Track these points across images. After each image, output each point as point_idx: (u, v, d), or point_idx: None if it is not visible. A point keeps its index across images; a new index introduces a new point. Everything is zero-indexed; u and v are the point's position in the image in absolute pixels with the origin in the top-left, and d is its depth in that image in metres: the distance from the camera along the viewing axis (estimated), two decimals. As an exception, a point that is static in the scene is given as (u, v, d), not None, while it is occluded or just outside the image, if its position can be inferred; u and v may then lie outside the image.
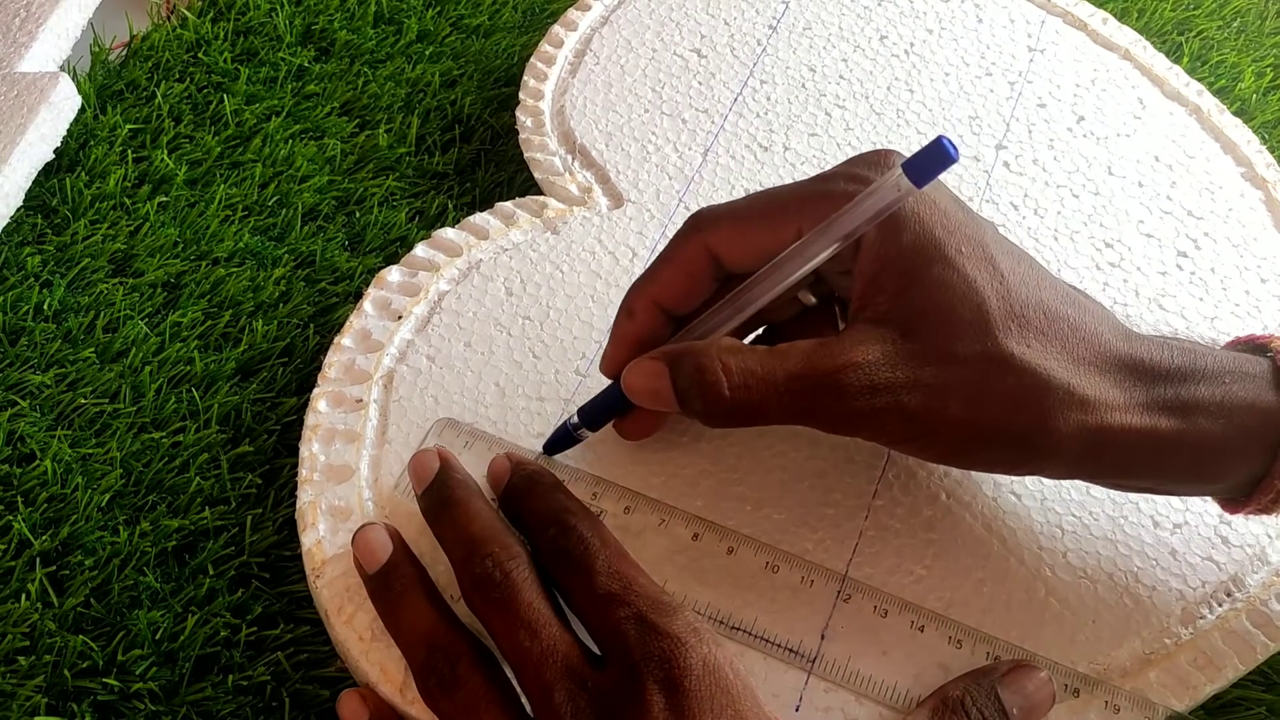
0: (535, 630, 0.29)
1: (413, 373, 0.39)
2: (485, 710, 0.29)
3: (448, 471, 0.34)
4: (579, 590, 0.30)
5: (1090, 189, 0.46)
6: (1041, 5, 0.53)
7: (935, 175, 0.29)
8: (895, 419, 0.30)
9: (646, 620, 0.29)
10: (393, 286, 0.41)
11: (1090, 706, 0.32)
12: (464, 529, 0.32)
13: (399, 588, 0.32)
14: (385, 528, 0.33)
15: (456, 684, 0.29)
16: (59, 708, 0.32)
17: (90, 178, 0.45)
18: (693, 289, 0.34)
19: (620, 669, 0.28)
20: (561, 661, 0.29)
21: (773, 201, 0.33)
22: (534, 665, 0.29)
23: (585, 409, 0.35)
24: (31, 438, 0.37)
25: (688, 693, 0.27)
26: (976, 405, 0.30)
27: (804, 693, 0.32)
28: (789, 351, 0.31)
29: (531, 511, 0.32)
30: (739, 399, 0.31)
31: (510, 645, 0.29)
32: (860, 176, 0.32)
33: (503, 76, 0.51)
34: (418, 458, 0.34)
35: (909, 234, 0.31)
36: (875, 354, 0.30)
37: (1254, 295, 0.43)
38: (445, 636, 0.31)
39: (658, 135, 0.47)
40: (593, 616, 0.30)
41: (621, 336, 0.35)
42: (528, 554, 0.31)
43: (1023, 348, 0.30)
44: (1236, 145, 0.48)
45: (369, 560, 0.32)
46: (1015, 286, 0.31)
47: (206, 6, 0.52)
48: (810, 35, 0.51)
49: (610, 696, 0.28)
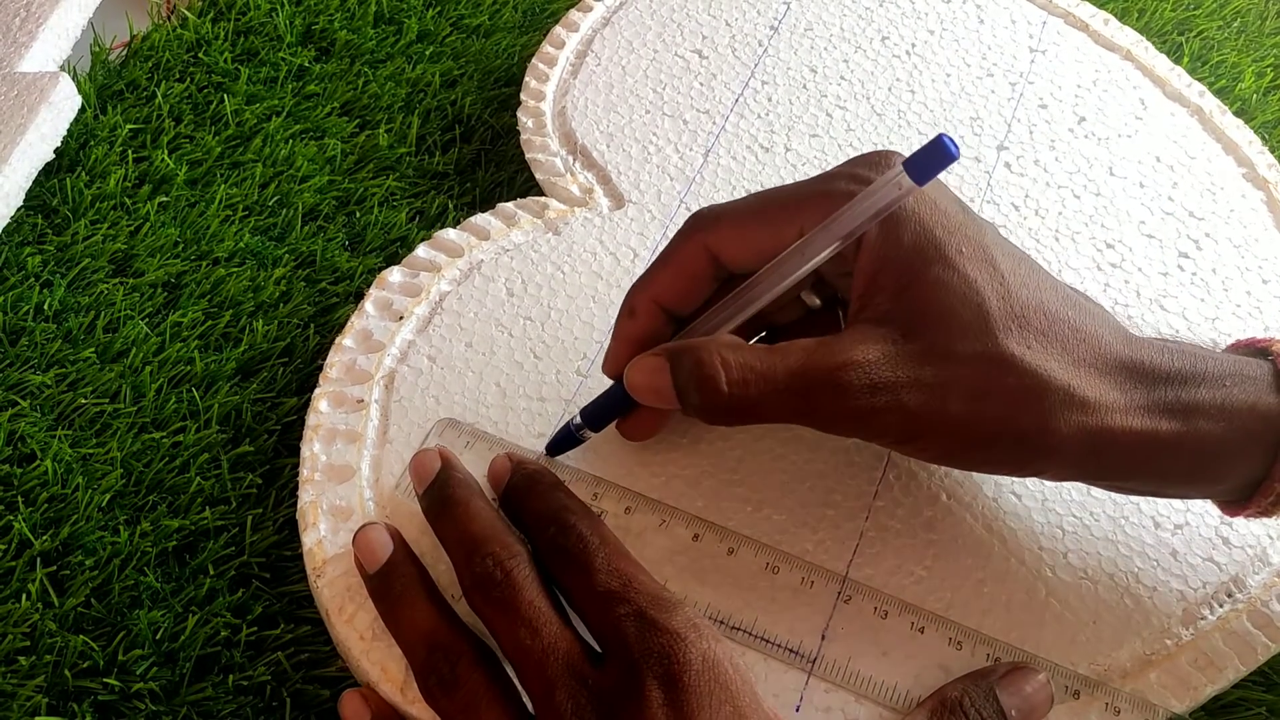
0: (536, 628, 0.29)
1: (414, 373, 0.39)
2: (486, 709, 0.29)
3: (449, 471, 0.34)
4: (579, 588, 0.30)
5: (1091, 190, 0.46)
6: (1043, 6, 0.53)
7: (936, 173, 0.29)
8: (895, 418, 0.30)
9: (646, 617, 0.29)
10: (394, 287, 0.41)
11: (1090, 708, 0.32)
12: (465, 528, 0.32)
13: (399, 587, 0.32)
14: (386, 527, 0.33)
15: (457, 683, 0.29)
16: (59, 708, 0.32)
17: (90, 178, 0.45)
18: (693, 289, 0.34)
19: (620, 666, 0.28)
20: (562, 659, 0.29)
21: (773, 201, 0.33)
22: (535, 663, 0.29)
23: (588, 409, 0.35)
24: (32, 438, 0.37)
25: (687, 688, 0.27)
26: (977, 405, 0.30)
27: (804, 693, 0.32)
28: (789, 349, 0.31)
29: (531, 510, 0.32)
30: (737, 395, 0.31)
31: (511, 643, 0.29)
32: (861, 176, 0.32)
33: (503, 76, 0.51)
34: (419, 457, 0.34)
35: (909, 234, 0.31)
36: (876, 353, 0.30)
37: (1255, 296, 0.43)
38: (446, 636, 0.31)
39: (659, 136, 0.47)
40: (593, 614, 0.30)
41: (623, 336, 0.35)
42: (528, 553, 0.31)
43: (1023, 348, 0.30)
44: (1238, 146, 0.48)
45: (370, 560, 0.32)
46: (1016, 288, 0.31)
47: (206, 6, 0.52)
48: (811, 36, 0.51)
49: (610, 693, 0.28)
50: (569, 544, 0.31)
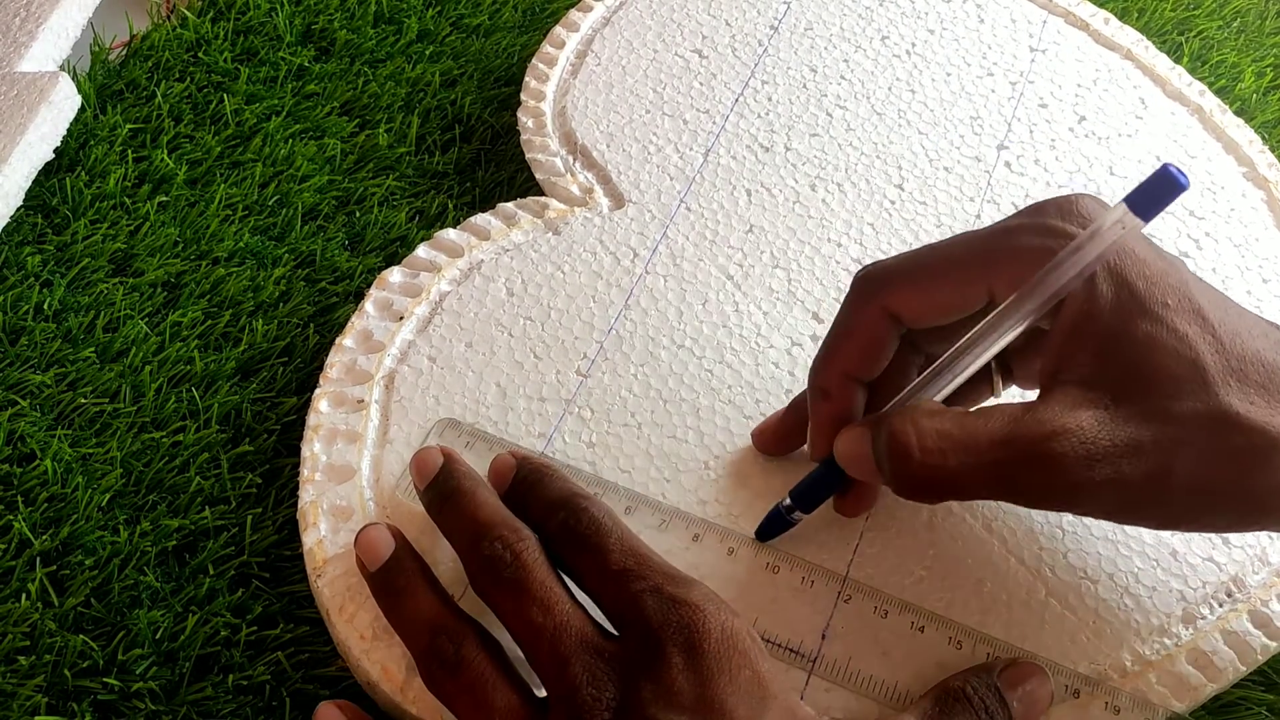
0: (548, 606, 0.29)
1: (414, 373, 0.39)
2: (491, 689, 0.29)
3: (452, 464, 0.34)
4: (592, 569, 0.30)
5: (1092, 189, 0.46)
6: (1043, 5, 0.53)
7: (1162, 208, 0.27)
8: (1116, 491, 0.28)
9: (664, 591, 0.29)
10: (394, 287, 0.41)
11: (1090, 707, 0.32)
12: (470, 516, 0.32)
13: (402, 581, 0.32)
14: (388, 527, 0.33)
15: (461, 664, 0.29)
16: (59, 707, 0.32)
17: (90, 177, 0.45)
18: (879, 353, 0.33)
19: (638, 637, 0.28)
20: (576, 634, 0.29)
21: (952, 261, 0.31)
22: (549, 640, 0.29)
23: (797, 490, 0.34)
24: (32, 437, 0.37)
25: (707, 654, 0.27)
26: (1206, 468, 0.28)
27: (804, 692, 0.32)
28: (990, 414, 0.29)
29: (540, 499, 0.32)
30: (932, 464, 0.29)
31: (523, 623, 0.29)
32: (1053, 229, 0.30)
33: (503, 76, 0.51)
34: (420, 454, 0.34)
35: (1108, 286, 0.29)
36: (1088, 419, 0.28)
37: (1255, 295, 0.43)
38: (449, 619, 0.30)
39: (659, 136, 0.47)
40: (609, 593, 0.30)
41: (823, 418, 0.34)
42: (536, 538, 0.31)
43: (1245, 404, 0.28)
44: (1238, 145, 0.48)
45: (371, 557, 0.32)
46: (1228, 339, 0.29)
47: (206, 6, 0.52)
48: (811, 36, 0.51)
49: (629, 663, 0.28)
50: (581, 526, 0.31)
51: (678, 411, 0.38)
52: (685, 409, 0.38)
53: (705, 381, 0.39)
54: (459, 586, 0.32)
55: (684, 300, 0.41)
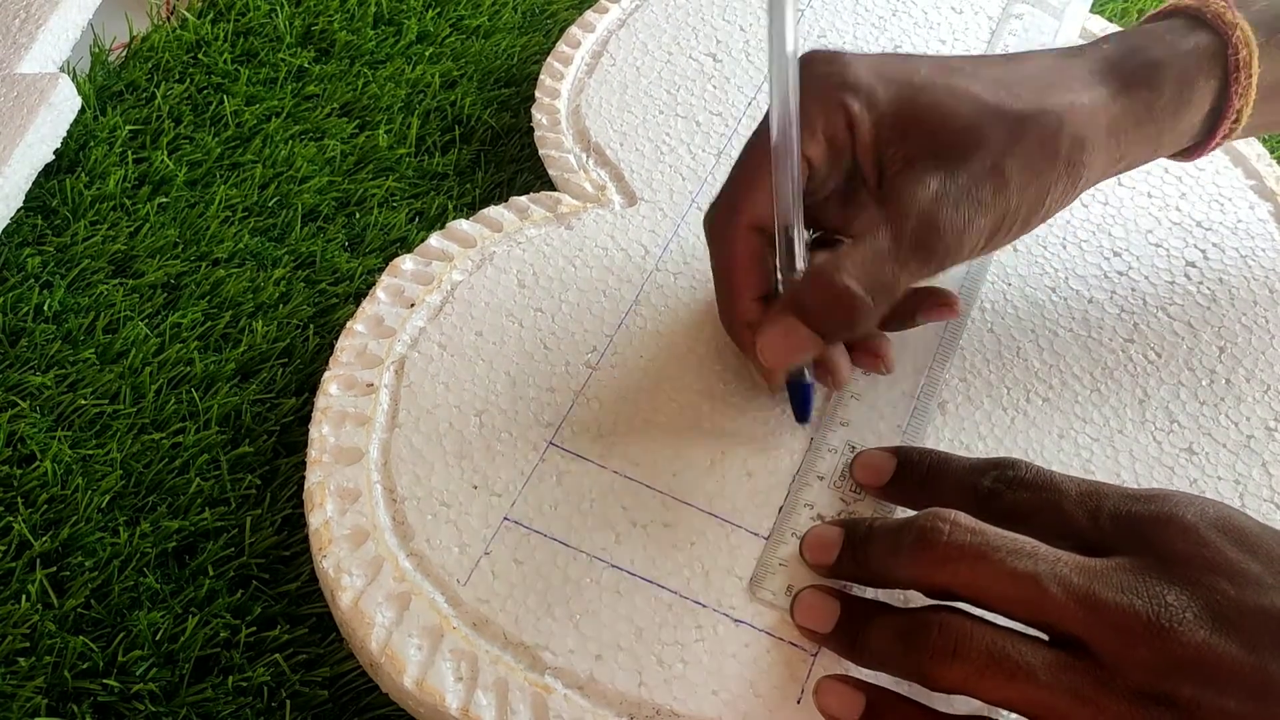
0: (1029, 551, 0.29)
1: (424, 359, 0.39)
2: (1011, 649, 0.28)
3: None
4: (1052, 508, 0.30)
5: (1099, 199, 0.46)
6: (1054, 15, 0.53)
7: None
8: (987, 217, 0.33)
9: (1138, 499, 0.30)
10: (406, 274, 0.41)
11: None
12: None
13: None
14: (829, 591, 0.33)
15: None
16: (59, 709, 0.32)
17: (90, 178, 0.45)
18: (764, 265, 0.36)
19: (1134, 545, 0.29)
20: (1073, 564, 0.28)
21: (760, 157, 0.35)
22: (1058, 579, 0.28)
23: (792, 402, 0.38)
24: (31, 439, 0.37)
25: (1244, 530, 0.29)
26: (1029, 160, 0.33)
27: (805, 685, 0.32)
28: (873, 230, 0.33)
29: (955, 472, 0.33)
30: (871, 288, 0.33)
31: (1008, 579, 0.28)
32: None
33: (503, 77, 0.51)
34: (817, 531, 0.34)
35: (882, 87, 0.34)
36: (934, 183, 0.33)
37: (1261, 306, 0.43)
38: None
39: (672, 136, 0.47)
40: (1082, 521, 0.30)
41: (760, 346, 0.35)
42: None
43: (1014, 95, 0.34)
44: (1246, 159, 0.48)
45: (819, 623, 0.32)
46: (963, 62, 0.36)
47: (206, 7, 0.52)
48: (824, 44, 0.51)
49: (1155, 568, 0.28)
50: (1024, 474, 0.31)
51: (686, 405, 0.38)
52: (693, 403, 0.38)
53: (713, 377, 0.39)
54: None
55: (694, 297, 0.41)
